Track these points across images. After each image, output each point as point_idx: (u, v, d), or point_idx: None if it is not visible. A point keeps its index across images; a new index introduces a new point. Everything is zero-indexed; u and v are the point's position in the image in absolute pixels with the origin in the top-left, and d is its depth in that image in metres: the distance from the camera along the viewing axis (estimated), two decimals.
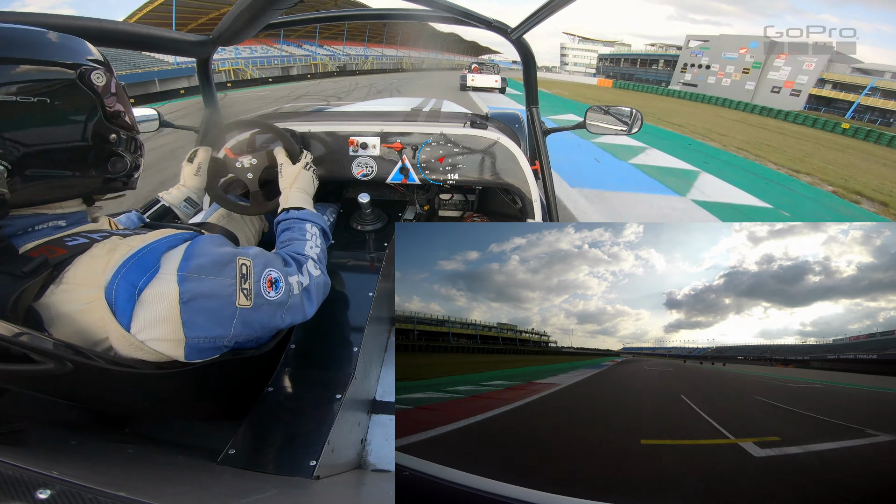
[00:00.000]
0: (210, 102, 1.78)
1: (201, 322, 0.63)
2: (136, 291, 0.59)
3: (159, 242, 0.65)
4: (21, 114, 0.56)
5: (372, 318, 1.16)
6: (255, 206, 1.28)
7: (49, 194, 0.64)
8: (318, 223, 1.04)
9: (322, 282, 0.92)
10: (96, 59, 0.66)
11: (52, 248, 0.60)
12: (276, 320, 0.76)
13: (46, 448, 0.58)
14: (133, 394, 0.68)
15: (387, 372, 1.34)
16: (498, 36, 1.63)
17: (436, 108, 2.96)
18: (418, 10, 1.43)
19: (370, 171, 1.52)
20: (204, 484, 0.66)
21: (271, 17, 1.25)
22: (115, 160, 0.69)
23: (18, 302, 0.54)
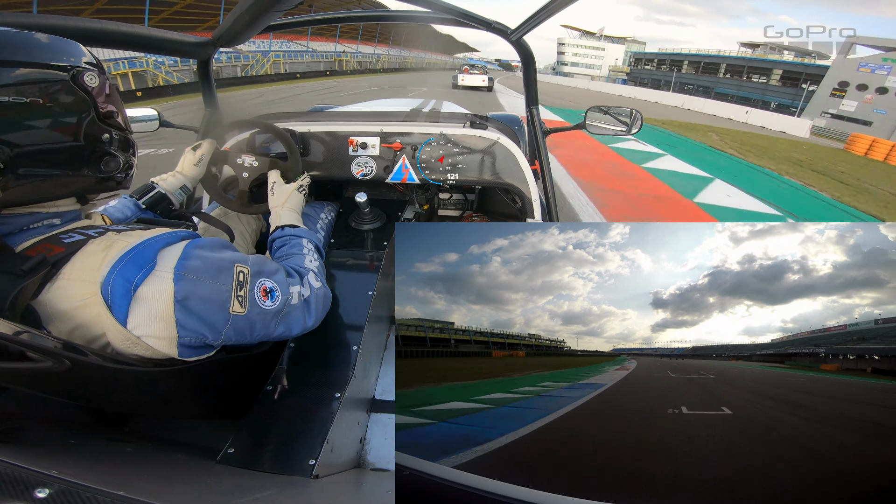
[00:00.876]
0: (210, 102, 1.79)
1: (193, 323, 0.64)
2: (133, 287, 0.59)
3: (156, 239, 0.66)
4: (14, 115, 0.57)
5: (371, 317, 1.16)
6: (238, 204, 1.29)
7: (43, 193, 0.64)
8: (312, 240, 1.06)
9: (323, 294, 0.93)
10: (89, 61, 0.66)
11: (50, 245, 0.61)
12: (268, 329, 0.76)
13: (45, 447, 0.59)
14: (132, 392, 0.68)
15: (386, 371, 1.34)
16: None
17: (435, 108, 2.96)
18: (418, 11, 1.43)
19: (370, 170, 1.52)
20: (203, 483, 0.66)
21: (272, 18, 1.25)
22: (108, 159, 0.70)
23: (17, 300, 0.55)
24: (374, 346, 1.27)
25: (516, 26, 1.57)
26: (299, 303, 0.82)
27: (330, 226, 1.49)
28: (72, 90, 0.63)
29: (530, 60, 1.76)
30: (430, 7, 1.39)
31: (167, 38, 1.35)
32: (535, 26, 1.48)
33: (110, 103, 0.69)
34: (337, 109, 2.75)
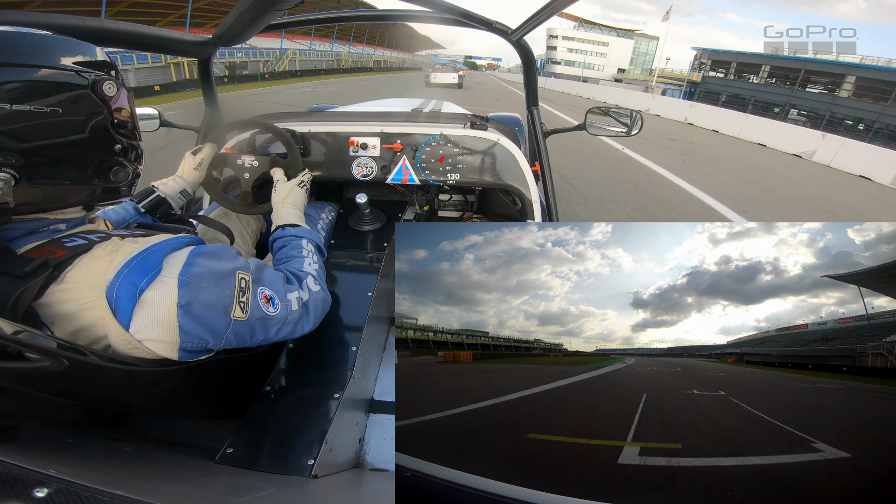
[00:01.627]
0: (211, 102, 1.79)
1: (195, 328, 0.64)
2: (138, 292, 0.60)
3: (162, 245, 0.66)
4: (31, 123, 0.56)
5: (371, 318, 1.16)
6: (242, 206, 1.29)
7: (52, 202, 0.64)
8: (312, 240, 1.05)
9: (321, 297, 0.93)
10: (107, 67, 0.66)
11: (52, 248, 0.61)
12: (269, 334, 0.77)
13: (44, 446, 0.58)
14: (130, 391, 0.68)
15: (385, 371, 1.34)
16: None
17: (436, 108, 2.96)
18: (418, 10, 1.43)
19: (370, 171, 1.52)
20: (202, 482, 0.66)
21: (272, 17, 1.26)
22: (118, 170, 0.70)
23: (18, 302, 0.55)
24: (374, 347, 1.27)
25: (516, 26, 1.57)
26: (298, 308, 0.83)
27: (330, 226, 1.49)
28: (89, 99, 0.62)
29: (531, 61, 1.76)
30: (430, 7, 1.39)
31: (167, 38, 1.35)
32: (535, 26, 1.48)
33: (125, 113, 0.70)
34: (337, 109, 2.75)
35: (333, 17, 1.94)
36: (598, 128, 1.80)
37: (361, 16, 1.89)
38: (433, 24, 2.07)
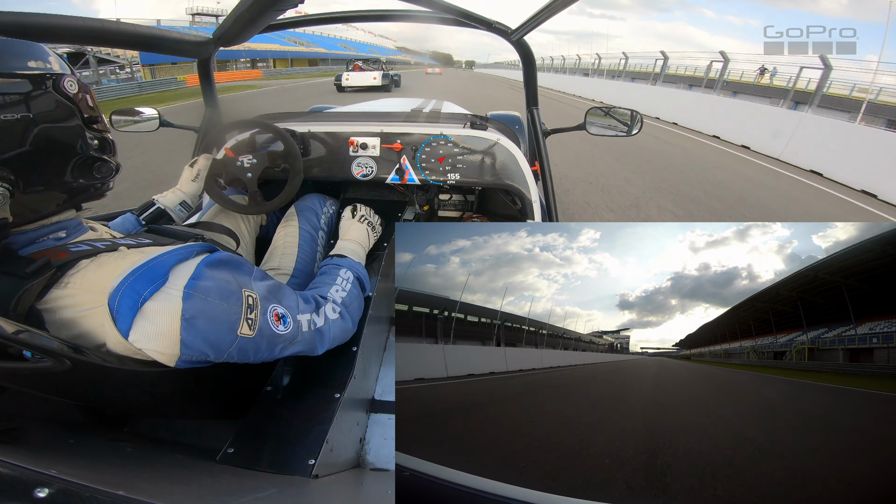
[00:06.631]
0: (210, 102, 1.79)
1: (198, 342, 0.62)
2: (140, 301, 0.58)
3: (170, 254, 0.64)
4: (8, 134, 0.55)
5: (371, 318, 1.16)
6: (254, 206, 1.29)
7: (44, 209, 0.63)
8: (353, 270, 1.05)
9: (340, 327, 0.92)
10: (61, 64, 0.64)
11: (55, 251, 0.60)
12: (274, 352, 0.75)
13: (45, 447, 0.58)
14: (131, 392, 0.68)
15: (386, 371, 1.34)
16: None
17: (436, 108, 2.96)
18: (418, 10, 1.43)
19: (370, 171, 1.52)
20: (203, 483, 0.66)
21: (272, 17, 1.25)
22: (101, 165, 0.69)
23: (20, 302, 0.55)
24: (374, 347, 1.27)
25: (517, 26, 1.57)
26: (310, 331, 0.82)
27: (331, 220, 1.50)
28: (54, 99, 0.60)
29: (530, 61, 1.76)
30: (430, 7, 1.39)
31: (167, 38, 1.35)
32: (535, 26, 1.48)
33: (92, 107, 0.68)
34: (337, 109, 2.75)
35: (333, 17, 1.94)
36: (597, 128, 1.80)
37: (361, 16, 1.89)
38: (431, 24, 2.08)
